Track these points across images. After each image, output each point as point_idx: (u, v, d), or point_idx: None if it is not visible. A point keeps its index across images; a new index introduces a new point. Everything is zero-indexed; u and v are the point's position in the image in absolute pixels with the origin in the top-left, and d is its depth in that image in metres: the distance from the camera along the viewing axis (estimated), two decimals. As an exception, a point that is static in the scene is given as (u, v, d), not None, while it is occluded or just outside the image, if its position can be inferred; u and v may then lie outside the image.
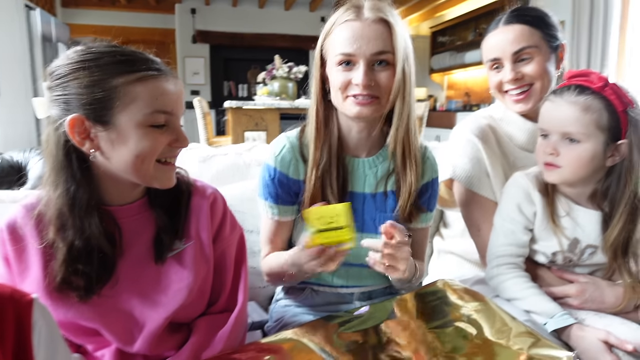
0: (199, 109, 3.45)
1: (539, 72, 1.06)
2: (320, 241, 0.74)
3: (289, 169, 0.99)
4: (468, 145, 1.13)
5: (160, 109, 0.72)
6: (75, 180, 0.73)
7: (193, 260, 0.81)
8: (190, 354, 0.78)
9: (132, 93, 0.70)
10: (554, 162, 0.92)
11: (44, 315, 0.62)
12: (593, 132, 0.88)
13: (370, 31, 0.88)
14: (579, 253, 0.97)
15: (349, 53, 0.89)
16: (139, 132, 0.71)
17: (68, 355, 0.67)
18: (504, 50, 1.07)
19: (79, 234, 0.73)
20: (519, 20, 1.06)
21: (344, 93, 0.92)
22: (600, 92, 0.88)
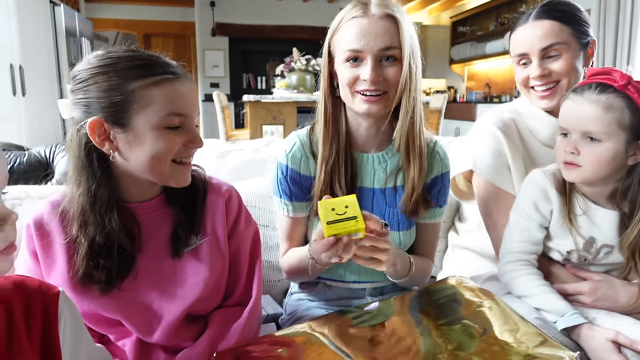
0: (217, 102, 3.49)
1: (567, 69, 1.05)
2: (334, 232, 0.76)
3: (300, 165, 1.01)
4: (491, 138, 1.13)
5: (175, 112, 0.75)
6: (96, 178, 0.76)
7: (209, 255, 0.84)
8: (206, 345, 0.82)
9: (148, 96, 0.73)
10: (574, 161, 0.91)
11: (69, 307, 0.66)
12: (615, 131, 0.87)
13: (378, 27, 0.89)
14: (594, 252, 0.96)
15: (357, 49, 0.90)
16: (154, 133, 0.74)
17: (92, 344, 0.71)
18: (532, 45, 1.06)
19: (100, 230, 0.76)
20: (549, 15, 1.05)
21: (352, 89, 0.93)
22: (623, 90, 0.86)
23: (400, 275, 0.99)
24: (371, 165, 1.02)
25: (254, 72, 7.37)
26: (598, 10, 4.19)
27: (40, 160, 1.44)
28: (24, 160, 1.41)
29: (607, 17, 4.14)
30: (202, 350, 0.81)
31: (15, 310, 0.59)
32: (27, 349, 0.60)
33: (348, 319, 0.82)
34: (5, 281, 0.61)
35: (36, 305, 0.62)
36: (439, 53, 7.56)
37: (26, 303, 0.61)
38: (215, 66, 7.01)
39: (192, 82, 0.81)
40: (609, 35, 4.12)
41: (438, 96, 3.75)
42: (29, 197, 1.09)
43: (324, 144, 0.98)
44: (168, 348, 0.84)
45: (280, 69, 4.04)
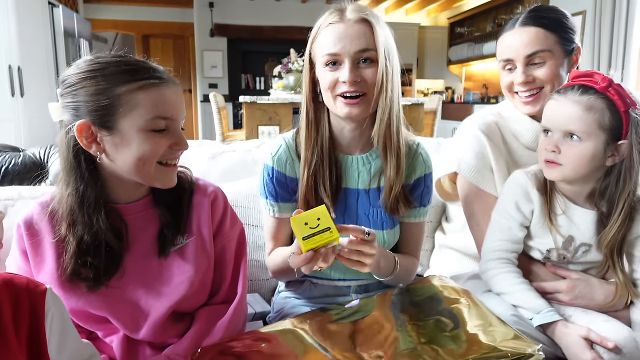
0: (214, 103, 3.52)
1: (550, 77, 1.07)
2: (311, 246, 0.78)
3: (285, 167, 1.04)
4: (474, 141, 1.16)
5: (160, 115, 0.78)
6: (84, 180, 0.79)
7: (194, 255, 0.86)
8: (191, 341, 0.84)
9: (134, 100, 0.76)
10: (555, 159, 0.93)
11: (56, 304, 0.69)
12: (594, 131, 0.89)
13: (353, 31, 0.92)
14: (572, 251, 0.99)
15: (334, 53, 0.93)
16: (140, 136, 0.77)
17: (78, 340, 0.73)
18: (517, 52, 1.07)
19: (88, 229, 0.79)
20: (535, 22, 1.06)
21: (333, 92, 0.96)
22: (604, 92, 0.89)
23: (384, 273, 1.01)
24: (355, 166, 1.04)
25: (253, 72, 7.40)
26: (593, 12, 4.22)
27: (34, 161, 1.47)
28: (18, 162, 1.44)
29: (603, 19, 4.16)
30: (187, 346, 0.83)
31: (3, 307, 0.62)
32: (15, 344, 0.62)
33: (329, 315, 0.84)
34: None
35: (23, 302, 0.64)
36: (436, 54, 7.58)
37: (14, 300, 0.63)
38: (213, 67, 7.04)
39: (178, 86, 0.83)
40: (604, 37, 4.14)
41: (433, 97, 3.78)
42: (21, 198, 1.12)
43: (306, 148, 1.01)
44: (154, 344, 0.87)
45: (278, 69, 4.07)
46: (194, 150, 1.61)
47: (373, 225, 1.04)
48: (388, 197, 1.01)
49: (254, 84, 7.41)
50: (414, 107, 3.41)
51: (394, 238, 1.09)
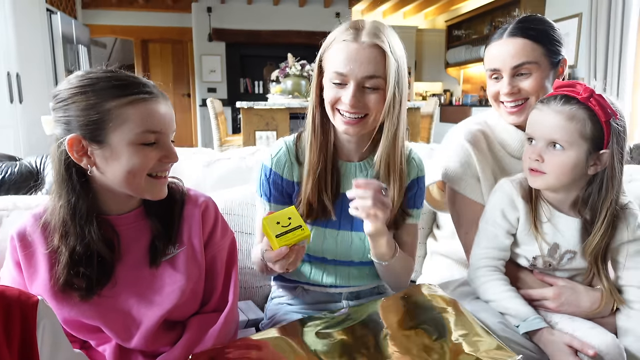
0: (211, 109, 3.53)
1: (535, 88, 1.07)
2: (284, 243, 0.81)
3: (283, 170, 1.05)
4: (460, 150, 1.17)
5: (149, 129, 0.79)
6: (75, 192, 0.81)
7: (185, 265, 0.88)
8: (183, 349, 0.86)
9: (123, 115, 0.77)
10: (539, 168, 0.95)
11: (48, 315, 0.70)
12: (577, 140, 0.91)
13: (364, 54, 0.91)
14: (558, 258, 1.00)
15: (341, 73, 0.93)
16: (130, 149, 0.78)
17: (70, 351, 0.75)
18: (504, 62, 1.08)
19: (80, 240, 0.81)
20: (523, 33, 1.07)
21: (333, 107, 0.97)
22: (585, 102, 0.91)
23: (386, 254, 1.00)
24: (353, 173, 1.06)
25: (251, 76, 7.42)
26: (589, 14, 4.23)
27: (31, 170, 1.48)
28: (15, 171, 1.45)
29: (599, 21, 4.17)
30: (179, 355, 0.85)
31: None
32: (6, 356, 0.64)
33: (316, 323, 0.86)
34: None
35: (15, 314, 0.65)
36: (434, 56, 7.61)
37: (5, 312, 0.65)
38: (212, 71, 7.06)
39: (168, 100, 0.85)
40: (600, 39, 4.16)
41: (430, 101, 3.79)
42: (16, 208, 1.13)
43: (312, 152, 1.01)
44: (147, 353, 0.88)
45: (276, 74, 4.09)
46: (189, 158, 1.62)
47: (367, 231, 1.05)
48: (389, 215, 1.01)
49: (253, 88, 7.44)
50: (411, 111, 3.43)
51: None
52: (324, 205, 1.03)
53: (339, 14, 6.94)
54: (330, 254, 1.07)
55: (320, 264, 1.10)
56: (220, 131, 3.64)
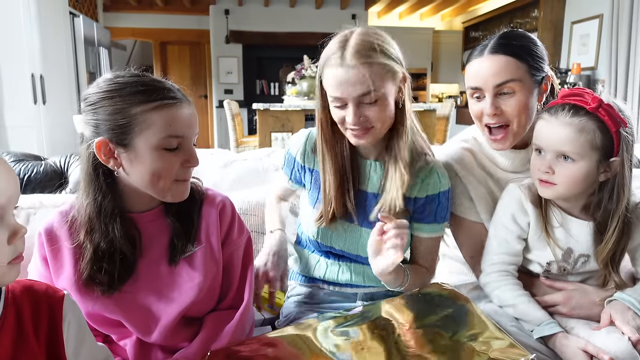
0: (228, 110, 3.58)
1: (519, 109, 1.01)
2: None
3: (297, 154, 1.14)
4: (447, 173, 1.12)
5: (172, 134, 0.82)
6: (101, 191, 0.84)
7: (203, 262, 0.91)
8: (200, 346, 0.88)
9: (148, 120, 0.80)
10: (549, 179, 0.95)
11: (73, 309, 0.73)
12: (587, 152, 0.90)
13: (352, 76, 0.93)
14: (572, 262, 1.00)
15: (337, 97, 0.96)
16: (154, 154, 0.82)
17: (94, 343, 0.78)
18: (486, 81, 1.01)
19: (104, 237, 0.84)
20: (505, 50, 1.00)
21: (342, 126, 1.01)
22: (595, 112, 0.89)
23: (392, 284, 1.02)
24: (368, 170, 1.08)
25: (268, 78, 7.48)
26: (610, 15, 4.16)
27: (55, 169, 1.53)
28: (40, 170, 1.50)
29: (620, 22, 4.10)
30: (196, 350, 0.87)
31: (23, 311, 0.66)
32: (35, 347, 0.67)
33: (331, 322, 0.87)
34: (16, 285, 0.68)
35: (43, 307, 0.69)
36: (451, 58, 7.56)
37: (34, 305, 0.68)
38: (229, 73, 7.14)
39: (192, 104, 0.88)
40: (622, 41, 4.08)
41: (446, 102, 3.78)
42: (42, 206, 1.18)
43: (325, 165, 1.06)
44: (166, 348, 0.91)
45: (292, 76, 4.12)
46: (206, 159, 1.66)
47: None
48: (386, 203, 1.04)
49: (269, 89, 7.49)
50: (426, 113, 3.42)
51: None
52: (347, 208, 1.07)
53: (355, 16, 6.95)
54: (338, 245, 1.10)
55: (334, 262, 1.13)
56: (236, 132, 3.68)
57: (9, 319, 0.65)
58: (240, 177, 1.58)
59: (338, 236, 1.10)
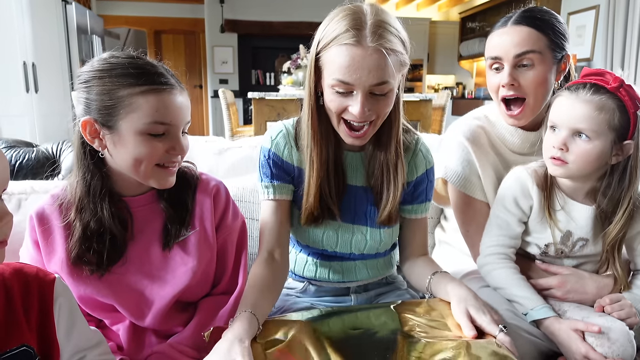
0: (223, 100, 3.55)
1: (536, 82, 1.03)
2: None
3: (282, 152, 1.01)
4: (459, 148, 1.15)
5: (159, 120, 0.80)
6: (89, 170, 0.84)
7: (197, 247, 0.90)
8: (194, 331, 0.88)
9: (134, 104, 0.79)
10: (562, 157, 0.94)
11: (65, 292, 0.72)
12: (604, 131, 0.90)
13: (372, 61, 0.82)
14: (570, 245, 1.01)
15: (347, 82, 0.84)
16: (137, 138, 0.80)
17: (86, 327, 0.77)
18: (507, 51, 1.03)
19: (93, 216, 0.84)
20: (528, 22, 1.03)
21: (338, 116, 0.90)
22: (615, 92, 0.89)
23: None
24: (356, 163, 1.03)
25: (263, 68, 7.43)
26: (607, 6, 4.16)
27: (47, 156, 1.52)
28: (32, 157, 1.48)
29: (617, 13, 4.10)
30: (190, 335, 0.87)
31: (13, 294, 0.66)
32: (25, 330, 0.66)
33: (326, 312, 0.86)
34: (6, 268, 0.68)
35: (33, 290, 0.68)
36: (447, 49, 7.54)
37: (24, 287, 0.67)
38: (224, 62, 7.09)
39: (185, 92, 0.86)
40: (617, 32, 4.09)
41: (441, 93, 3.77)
42: (34, 192, 1.16)
43: (312, 155, 0.96)
44: (160, 333, 0.90)
45: (287, 65, 4.09)
46: (201, 146, 1.64)
47: (370, 224, 1.03)
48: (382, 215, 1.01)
49: (264, 79, 7.45)
50: (422, 103, 3.41)
51: (392, 237, 1.08)
52: (329, 208, 0.99)
53: (351, 6, 6.90)
54: (330, 247, 1.05)
55: (325, 262, 1.08)
56: (231, 122, 3.66)
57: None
58: (235, 164, 1.57)
59: (329, 239, 1.04)
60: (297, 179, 1.02)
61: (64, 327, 0.71)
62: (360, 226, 1.03)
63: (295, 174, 1.02)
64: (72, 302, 0.73)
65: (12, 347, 0.63)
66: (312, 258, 1.09)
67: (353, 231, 1.03)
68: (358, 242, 1.04)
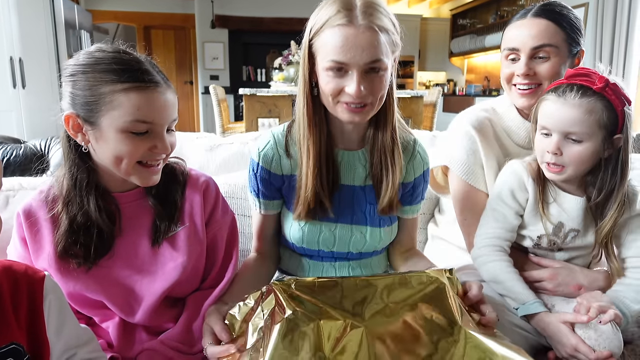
0: (214, 96, 3.53)
1: (551, 74, 1.06)
2: None
3: (271, 164, 1.00)
4: (465, 137, 1.16)
5: (140, 119, 0.79)
6: (75, 163, 0.84)
7: (186, 242, 0.90)
8: (183, 327, 0.88)
9: (115, 101, 0.77)
10: (558, 161, 0.95)
11: (55, 290, 0.72)
12: (595, 131, 0.92)
13: (365, 39, 0.83)
14: (562, 236, 1.02)
15: (342, 62, 0.85)
16: (118, 136, 0.79)
17: (76, 325, 0.76)
18: (525, 43, 1.06)
19: (80, 209, 0.84)
20: (547, 15, 1.05)
21: (334, 99, 0.90)
22: (602, 92, 0.91)
23: None
24: (352, 162, 1.01)
25: (254, 64, 7.39)
26: (596, 4, 4.20)
27: (35, 152, 1.49)
28: (20, 153, 1.46)
29: (605, 11, 4.14)
30: (180, 331, 0.87)
31: (3, 292, 0.65)
32: (14, 327, 0.65)
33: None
34: None
35: (22, 288, 0.67)
36: (438, 46, 7.56)
37: (13, 285, 0.66)
38: (215, 58, 7.04)
39: (171, 89, 0.84)
40: (606, 29, 4.13)
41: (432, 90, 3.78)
42: (22, 189, 1.15)
43: (308, 144, 0.95)
44: (150, 329, 0.90)
45: (279, 62, 4.07)
46: (192, 142, 1.63)
47: (370, 223, 1.03)
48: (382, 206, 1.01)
49: (255, 75, 7.42)
50: (414, 99, 3.42)
51: (391, 236, 1.07)
52: (322, 203, 0.98)
53: (342, 2, 6.89)
54: (327, 247, 1.03)
55: (317, 263, 1.07)
56: (222, 118, 3.64)
57: None
58: (226, 160, 1.56)
59: (325, 240, 1.02)
60: (287, 187, 1.02)
61: (54, 324, 0.70)
62: (359, 226, 1.02)
63: (285, 183, 1.02)
64: (62, 300, 0.73)
65: (2, 345, 0.63)
66: (306, 259, 1.09)
67: (352, 231, 1.03)
68: (357, 242, 1.03)
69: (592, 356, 0.86)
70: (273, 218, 1.07)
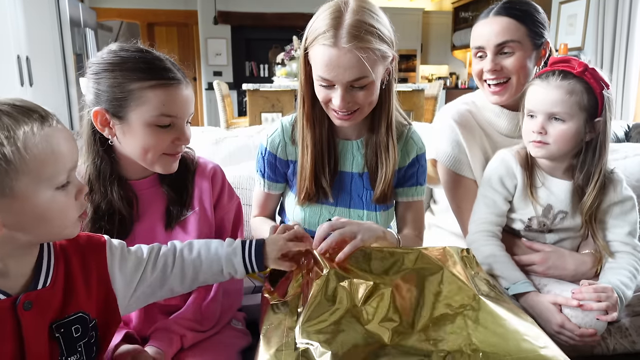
0: (218, 91, 3.58)
1: (517, 67, 1.12)
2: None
3: (277, 150, 1.11)
4: (448, 130, 1.23)
5: (166, 113, 0.86)
6: (99, 155, 0.90)
7: (196, 226, 0.96)
8: (193, 306, 0.94)
9: (143, 97, 0.84)
10: (542, 139, 1.02)
11: (116, 251, 0.75)
12: (576, 112, 0.99)
13: (347, 60, 0.89)
14: (551, 218, 1.08)
15: (327, 79, 0.93)
16: (146, 129, 0.86)
17: (134, 259, 0.77)
18: (488, 40, 1.13)
19: (103, 198, 0.90)
20: (508, 13, 1.11)
21: (325, 105, 1.00)
22: (581, 76, 0.98)
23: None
24: (351, 151, 1.10)
25: (257, 59, 7.42)
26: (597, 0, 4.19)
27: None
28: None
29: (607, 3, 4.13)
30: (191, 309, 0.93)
31: (72, 262, 0.69)
32: (84, 297, 0.69)
33: None
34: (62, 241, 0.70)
35: (89, 257, 0.71)
36: (441, 39, 7.57)
37: (81, 258, 0.71)
38: (217, 54, 7.08)
39: (189, 85, 0.91)
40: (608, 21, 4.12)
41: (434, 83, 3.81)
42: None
43: (306, 140, 1.04)
44: (163, 308, 0.96)
45: (281, 57, 4.11)
46: (198, 136, 1.69)
47: (367, 207, 1.10)
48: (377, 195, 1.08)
49: (258, 71, 7.45)
50: (415, 93, 3.46)
51: (387, 220, 1.14)
52: (322, 187, 1.07)
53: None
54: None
55: None
56: (226, 113, 3.69)
57: (60, 271, 0.68)
58: (232, 153, 1.62)
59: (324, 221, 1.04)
60: (292, 171, 1.12)
61: (121, 281, 0.74)
62: (356, 210, 1.10)
63: (290, 168, 1.12)
64: (123, 253, 0.75)
65: (70, 314, 0.67)
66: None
67: (350, 215, 1.10)
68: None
69: (578, 332, 0.91)
70: (275, 197, 1.20)
